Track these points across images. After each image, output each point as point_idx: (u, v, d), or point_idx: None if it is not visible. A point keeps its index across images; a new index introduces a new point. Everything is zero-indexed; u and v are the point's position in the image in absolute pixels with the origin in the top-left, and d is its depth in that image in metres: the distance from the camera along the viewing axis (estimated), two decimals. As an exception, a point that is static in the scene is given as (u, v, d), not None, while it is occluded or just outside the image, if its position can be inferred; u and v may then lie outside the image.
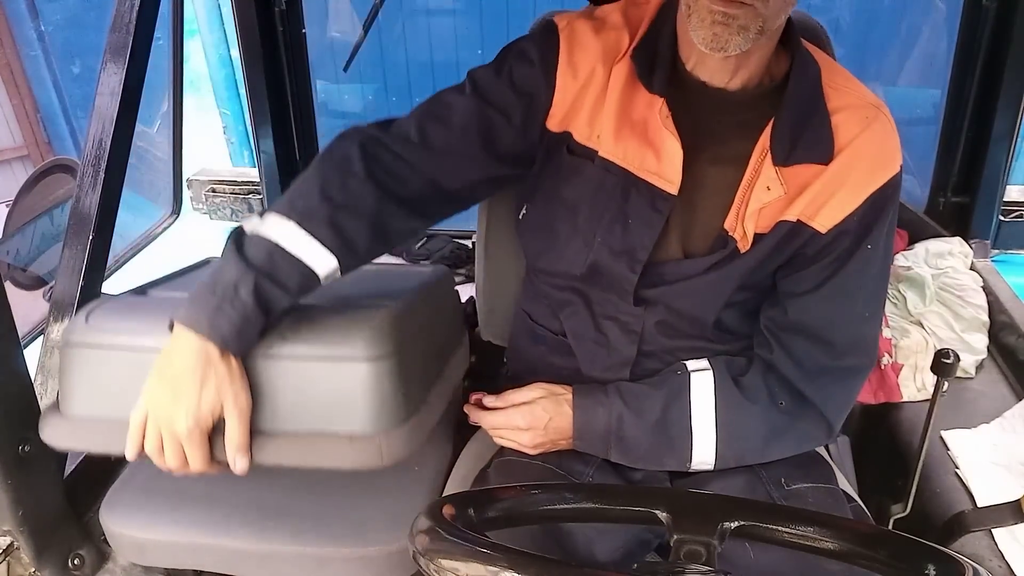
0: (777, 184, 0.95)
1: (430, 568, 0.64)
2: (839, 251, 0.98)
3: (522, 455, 1.09)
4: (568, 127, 1.02)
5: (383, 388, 0.90)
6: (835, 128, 0.96)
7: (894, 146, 0.98)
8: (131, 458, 0.87)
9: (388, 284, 1.07)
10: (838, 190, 0.95)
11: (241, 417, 0.84)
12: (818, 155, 0.95)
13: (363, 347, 0.88)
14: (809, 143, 0.95)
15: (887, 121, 0.98)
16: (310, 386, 0.88)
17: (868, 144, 0.96)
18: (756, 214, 0.96)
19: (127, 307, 0.99)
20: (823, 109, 0.96)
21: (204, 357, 0.82)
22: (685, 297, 1.03)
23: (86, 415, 0.93)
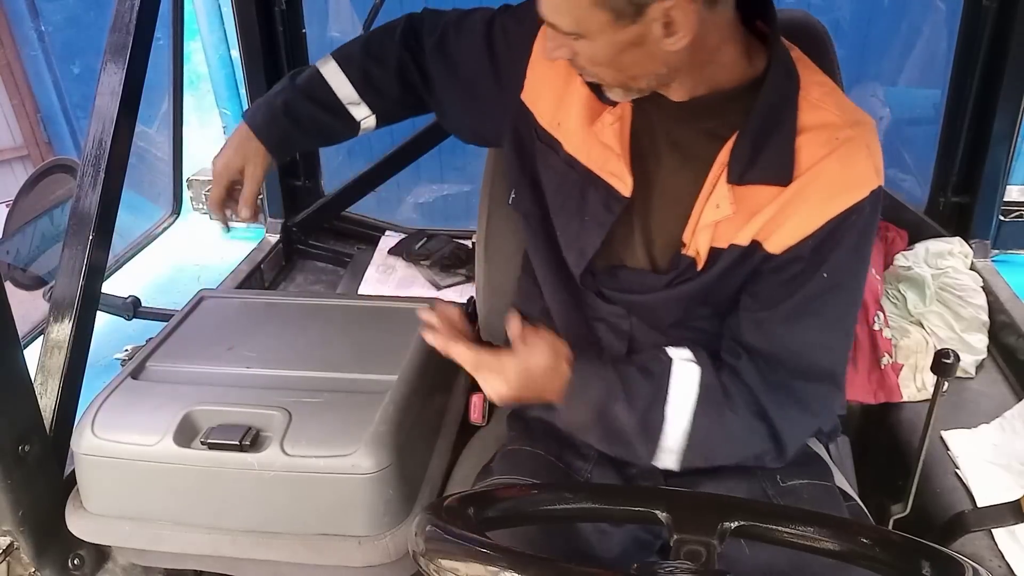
0: (727, 203, 0.92)
1: (430, 568, 0.64)
2: (793, 274, 0.93)
3: (524, 447, 1.09)
4: (534, 105, 1.05)
5: (385, 495, 0.96)
6: (799, 149, 0.90)
7: (864, 170, 0.90)
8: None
9: (389, 343, 1.11)
10: (793, 215, 0.91)
11: (252, 180, 1.13)
12: (776, 177, 0.90)
13: (364, 460, 0.93)
14: (768, 163, 0.91)
15: (862, 143, 0.90)
16: (319, 495, 0.95)
17: (831, 168, 0.89)
18: (708, 230, 0.94)
19: (128, 404, 1.02)
20: (790, 127, 0.91)
21: (243, 134, 1.13)
22: (650, 308, 1.03)
23: (107, 513, 1.02)
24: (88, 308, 1.12)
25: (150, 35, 1.16)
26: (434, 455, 1.12)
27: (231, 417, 0.98)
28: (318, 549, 0.96)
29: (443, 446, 1.15)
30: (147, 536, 1.01)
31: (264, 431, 0.96)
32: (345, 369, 1.07)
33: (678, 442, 0.94)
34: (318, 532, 0.97)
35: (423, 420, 1.08)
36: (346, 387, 1.03)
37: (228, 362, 1.09)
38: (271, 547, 0.97)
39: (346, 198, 2.14)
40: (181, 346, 1.14)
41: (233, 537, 0.98)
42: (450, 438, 1.19)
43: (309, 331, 1.17)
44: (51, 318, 1.11)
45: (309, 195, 2.13)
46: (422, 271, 1.92)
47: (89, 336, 1.14)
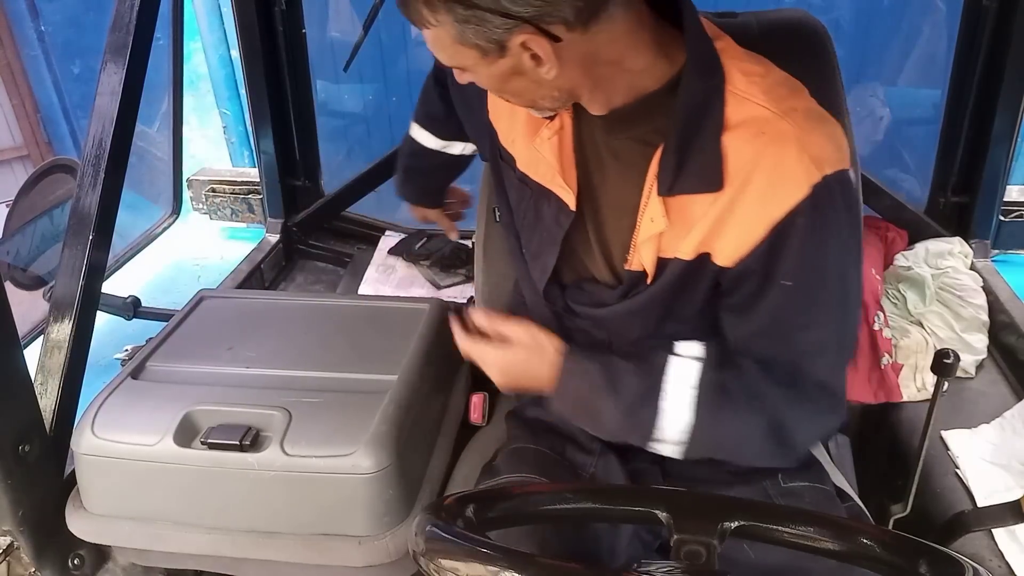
0: (660, 217, 0.90)
1: (430, 568, 0.64)
2: (752, 289, 0.91)
3: (528, 444, 1.10)
4: (496, 124, 1.09)
5: (385, 495, 0.96)
6: (725, 150, 0.86)
7: (796, 167, 0.84)
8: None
9: (389, 343, 1.12)
10: (733, 224, 0.87)
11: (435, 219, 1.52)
12: (705, 184, 0.87)
13: (364, 460, 0.93)
14: (695, 170, 0.87)
15: (791, 137, 0.84)
16: (318, 495, 0.95)
17: (760, 170, 0.85)
18: (652, 242, 0.92)
19: (128, 404, 1.02)
20: (714, 127, 0.86)
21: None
22: (612, 322, 1.02)
23: (107, 513, 1.02)
24: (88, 308, 1.12)
25: (150, 35, 1.16)
26: (434, 455, 1.12)
27: (231, 417, 0.98)
28: (318, 549, 0.96)
29: (443, 446, 1.15)
30: (147, 536, 1.01)
31: (264, 431, 0.96)
32: (345, 369, 1.07)
33: (677, 436, 0.94)
34: (318, 532, 0.97)
35: (423, 420, 1.08)
36: (346, 387, 1.03)
37: (228, 362, 1.09)
38: (271, 547, 0.97)
39: (346, 198, 2.14)
40: (181, 346, 1.14)
41: (233, 537, 0.98)
42: (450, 438, 1.19)
43: (309, 331, 1.17)
44: (51, 318, 1.11)
45: (309, 195, 2.13)
46: (422, 271, 1.92)
47: (89, 336, 1.14)
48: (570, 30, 0.82)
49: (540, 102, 0.93)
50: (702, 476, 1.06)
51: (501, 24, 0.80)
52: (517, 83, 0.88)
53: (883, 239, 1.85)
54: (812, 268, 0.88)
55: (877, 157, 2.62)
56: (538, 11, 0.79)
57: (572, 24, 0.81)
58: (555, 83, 0.87)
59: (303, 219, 2.13)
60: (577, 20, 0.81)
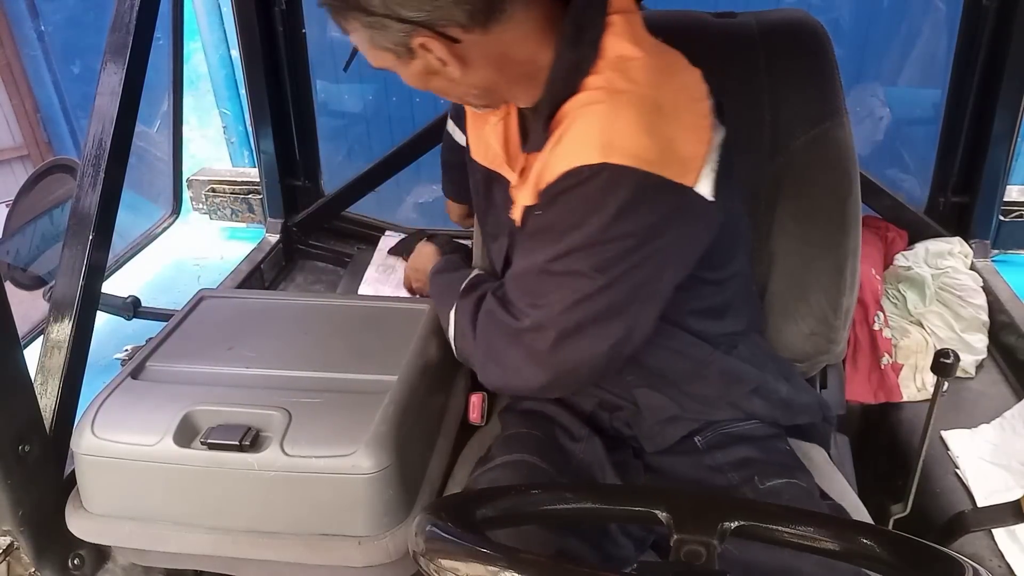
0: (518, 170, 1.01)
1: (430, 568, 0.64)
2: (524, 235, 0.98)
3: (521, 430, 1.14)
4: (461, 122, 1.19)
5: (385, 495, 0.96)
6: (562, 114, 0.91)
7: (591, 139, 0.86)
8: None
9: (389, 343, 1.12)
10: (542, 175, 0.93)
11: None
12: (539, 143, 0.93)
13: (364, 460, 0.93)
14: (538, 133, 0.94)
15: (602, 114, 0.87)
16: (318, 496, 0.95)
17: (569, 132, 0.89)
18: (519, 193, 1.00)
19: (128, 404, 1.02)
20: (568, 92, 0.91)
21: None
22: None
23: (107, 513, 1.02)
24: (88, 308, 1.12)
25: (150, 35, 1.16)
26: (434, 455, 1.12)
27: (231, 417, 0.98)
28: (318, 549, 0.96)
29: (443, 446, 1.16)
30: (147, 536, 1.01)
31: (264, 431, 0.96)
32: (345, 369, 1.07)
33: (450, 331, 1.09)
34: (318, 532, 0.97)
35: (423, 420, 1.08)
36: (346, 387, 1.03)
37: (228, 362, 1.09)
38: (271, 547, 0.97)
39: (346, 198, 2.14)
40: (181, 346, 1.14)
41: (233, 537, 0.98)
42: (450, 438, 1.19)
43: (309, 331, 1.17)
44: (51, 318, 1.11)
45: (309, 195, 2.13)
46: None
47: (89, 336, 1.14)
48: (467, 32, 0.88)
49: (466, 100, 1.01)
50: (681, 470, 1.10)
51: (399, 29, 0.87)
52: (436, 82, 0.95)
53: (883, 239, 1.85)
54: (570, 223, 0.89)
55: (877, 157, 2.62)
56: (430, 15, 0.86)
57: (468, 26, 0.87)
58: (468, 82, 0.94)
59: (303, 219, 2.13)
60: (472, 22, 0.87)
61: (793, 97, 1.29)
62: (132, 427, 0.97)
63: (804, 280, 1.29)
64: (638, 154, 0.84)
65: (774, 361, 1.18)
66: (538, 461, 1.06)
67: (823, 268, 1.28)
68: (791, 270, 1.30)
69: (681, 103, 0.90)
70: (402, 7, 0.85)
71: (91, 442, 0.97)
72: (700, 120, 0.90)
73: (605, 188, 0.86)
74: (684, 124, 0.89)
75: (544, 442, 1.11)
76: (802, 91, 1.28)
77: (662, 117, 0.87)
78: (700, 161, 0.88)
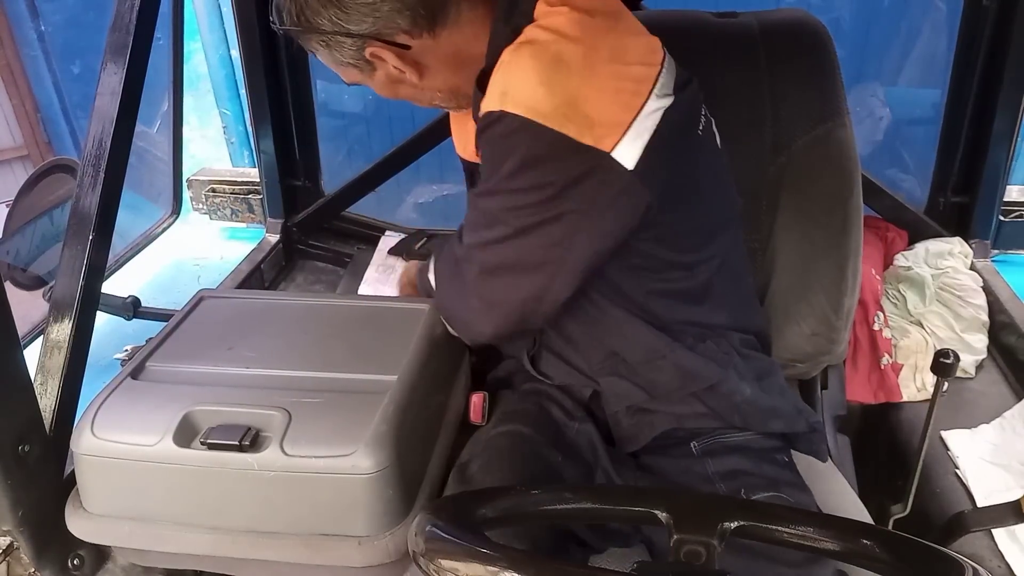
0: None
1: (430, 568, 0.64)
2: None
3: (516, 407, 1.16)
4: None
5: (385, 495, 0.96)
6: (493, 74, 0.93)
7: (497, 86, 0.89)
8: None
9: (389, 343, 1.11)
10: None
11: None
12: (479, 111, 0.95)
13: (363, 460, 0.93)
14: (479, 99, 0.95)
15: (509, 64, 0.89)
16: (318, 496, 0.95)
17: (491, 81, 0.91)
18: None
19: (128, 404, 1.02)
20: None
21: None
22: None
23: (107, 514, 1.01)
24: (88, 308, 1.12)
25: (150, 35, 1.16)
26: (434, 455, 1.12)
27: (231, 417, 0.98)
28: (318, 549, 0.96)
29: (443, 446, 1.15)
30: (147, 536, 1.01)
31: (264, 431, 0.96)
32: (345, 369, 1.07)
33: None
34: (318, 532, 0.97)
35: (423, 420, 1.08)
36: (346, 387, 1.03)
37: (228, 362, 1.09)
38: (271, 547, 0.97)
39: (346, 198, 2.14)
40: (181, 346, 1.14)
41: (233, 537, 0.98)
42: (450, 438, 1.19)
43: (309, 331, 1.17)
44: (51, 318, 1.11)
45: (309, 195, 2.13)
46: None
47: (89, 336, 1.14)
48: (415, 38, 0.93)
49: (435, 103, 1.05)
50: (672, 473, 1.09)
51: (351, 43, 0.93)
52: (403, 90, 1.01)
53: (883, 239, 1.85)
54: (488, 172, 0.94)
55: (877, 157, 2.62)
56: (374, 26, 0.91)
57: (413, 32, 0.92)
58: (431, 85, 1.00)
59: (303, 219, 2.13)
60: (417, 28, 0.92)
61: (794, 97, 1.29)
62: (132, 427, 0.97)
63: (805, 280, 1.29)
64: (531, 105, 0.86)
65: (749, 361, 1.12)
66: (532, 432, 1.07)
67: (824, 268, 1.28)
68: (792, 270, 1.30)
69: (597, 63, 0.89)
70: (348, 22, 0.91)
71: (91, 442, 0.97)
72: (624, 83, 0.90)
73: (508, 135, 0.88)
74: (595, 84, 0.88)
75: (538, 416, 1.12)
76: (803, 91, 1.28)
77: (563, 71, 0.87)
78: (619, 126, 0.88)
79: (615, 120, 0.88)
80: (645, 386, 1.09)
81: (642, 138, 0.88)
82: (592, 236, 0.93)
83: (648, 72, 0.91)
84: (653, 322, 1.06)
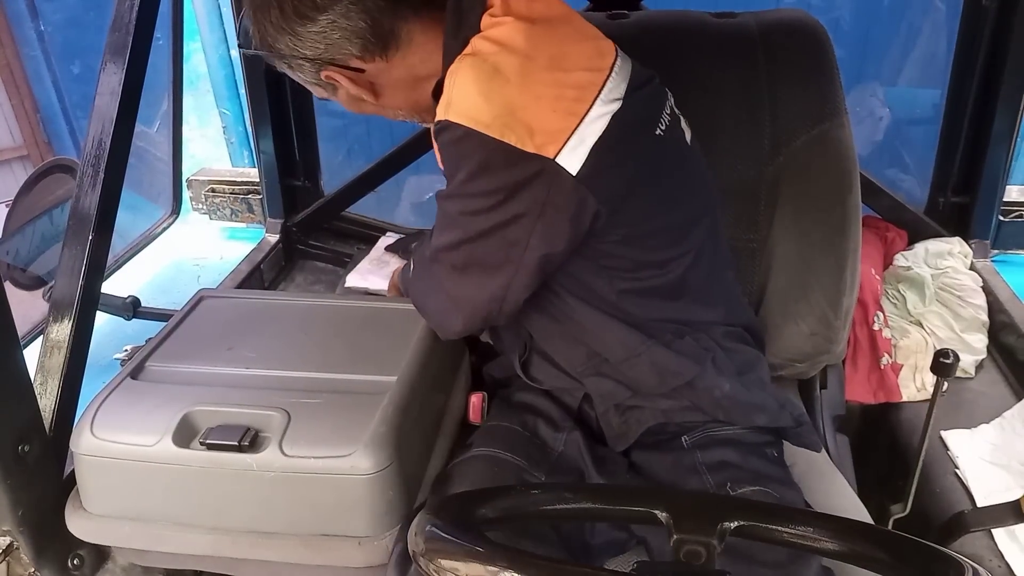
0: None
1: (430, 568, 0.64)
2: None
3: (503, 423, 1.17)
4: None
5: (385, 495, 0.96)
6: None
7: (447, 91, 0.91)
8: None
9: (388, 344, 1.12)
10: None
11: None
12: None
13: (363, 460, 0.93)
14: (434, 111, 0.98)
15: (460, 69, 0.90)
16: (318, 496, 0.95)
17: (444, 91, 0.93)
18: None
19: (127, 404, 1.02)
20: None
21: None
22: None
23: (106, 514, 1.02)
24: (88, 308, 1.12)
25: (150, 35, 1.16)
26: (434, 455, 1.12)
27: (230, 418, 0.98)
28: (318, 549, 0.96)
29: (443, 446, 1.15)
30: (147, 536, 1.01)
31: (263, 432, 0.96)
32: (344, 370, 1.07)
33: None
34: (318, 532, 0.97)
35: (423, 420, 1.08)
36: (345, 388, 1.03)
37: (227, 362, 1.09)
38: (271, 547, 0.97)
39: (346, 198, 2.14)
40: (181, 346, 1.14)
41: (233, 537, 0.98)
42: (449, 438, 1.19)
43: (309, 331, 1.17)
44: (51, 318, 1.11)
45: (309, 195, 2.13)
46: None
47: (89, 336, 1.14)
48: (367, 62, 0.98)
49: (399, 118, 1.09)
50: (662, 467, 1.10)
51: (309, 66, 0.99)
52: (366, 107, 1.05)
53: (883, 239, 1.85)
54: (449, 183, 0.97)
55: (877, 157, 2.62)
56: (326, 51, 0.96)
57: (366, 57, 0.96)
58: (390, 104, 1.04)
59: (303, 219, 2.13)
60: (369, 53, 0.96)
61: (793, 97, 1.29)
62: (131, 427, 0.97)
63: (804, 280, 1.29)
64: (471, 115, 0.88)
65: (731, 355, 1.11)
66: (509, 456, 1.07)
67: (823, 268, 1.28)
68: (791, 270, 1.30)
69: (534, 71, 0.91)
70: (302, 47, 0.96)
71: (90, 442, 0.97)
72: (564, 91, 0.91)
73: (456, 144, 0.91)
74: (533, 92, 0.90)
75: (520, 436, 1.12)
76: (802, 91, 1.28)
77: (499, 81, 0.89)
78: (561, 133, 0.89)
79: (555, 127, 0.89)
80: (628, 383, 1.10)
81: (586, 144, 0.90)
82: (545, 238, 0.95)
83: (593, 78, 0.93)
84: (628, 320, 1.06)
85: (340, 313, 1.22)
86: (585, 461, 1.11)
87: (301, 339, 1.15)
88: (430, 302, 1.08)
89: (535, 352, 1.18)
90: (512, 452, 1.08)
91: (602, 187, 0.93)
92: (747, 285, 1.34)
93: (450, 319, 1.06)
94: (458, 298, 1.03)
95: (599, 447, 1.14)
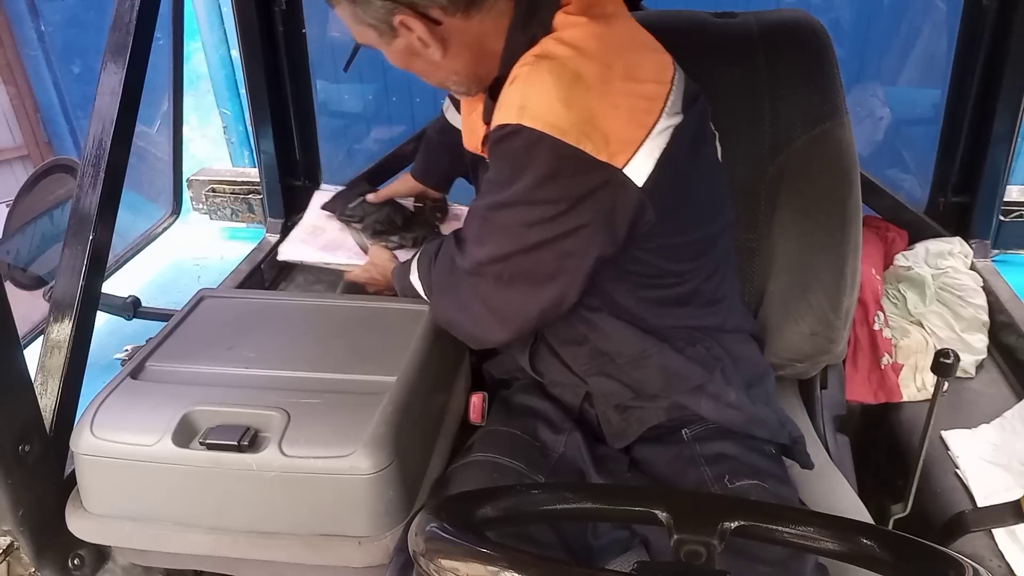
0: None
1: (430, 568, 0.64)
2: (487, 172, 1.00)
3: (502, 427, 1.16)
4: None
5: (385, 495, 0.96)
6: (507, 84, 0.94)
7: (513, 100, 0.90)
8: None
9: (388, 344, 1.12)
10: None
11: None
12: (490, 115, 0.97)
13: (363, 460, 0.93)
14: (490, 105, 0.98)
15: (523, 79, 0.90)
16: (318, 496, 0.95)
17: (505, 91, 0.93)
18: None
19: (127, 404, 1.02)
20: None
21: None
22: None
23: (107, 514, 1.02)
24: (88, 308, 1.12)
25: (150, 35, 1.16)
26: (434, 455, 1.12)
27: (230, 417, 0.98)
28: (318, 549, 0.96)
29: (443, 446, 1.16)
30: (147, 536, 1.01)
31: (263, 431, 0.96)
32: (344, 370, 1.07)
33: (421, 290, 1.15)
34: (318, 532, 0.97)
35: (423, 420, 1.08)
36: (345, 388, 1.03)
37: (228, 362, 1.09)
38: (271, 547, 0.97)
39: (346, 198, 2.14)
40: (181, 346, 1.14)
41: (233, 537, 0.98)
42: (449, 438, 1.19)
43: (309, 331, 1.17)
44: (51, 318, 1.11)
45: (309, 195, 2.13)
46: (353, 234, 1.70)
47: (89, 336, 1.14)
48: (448, 15, 0.92)
49: (446, 84, 1.04)
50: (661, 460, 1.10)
51: (382, 5, 0.90)
52: (417, 64, 0.99)
53: (883, 239, 1.85)
54: (495, 178, 0.95)
55: (877, 157, 2.62)
56: None
57: (449, 9, 0.91)
58: (448, 66, 0.98)
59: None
60: (453, 6, 0.91)
61: (793, 97, 1.29)
62: (131, 427, 0.97)
63: (805, 280, 1.29)
64: (550, 121, 0.87)
65: (740, 365, 1.13)
66: (509, 461, 1.07)
67: (824, 268, 1.28)
68: (791, 270, 1.30)
69: (613, 80, 0.90)
70: None
71: (90, 442, 0.97)
72: (637, 101, 0.91)
73: (525, 149, 0.89)
74: (612, 101, 0.89)
75: (520, 440, 1.12)
76: (802, 91, 1.28)
77: (581, 88, 0.88)
78: (632, 144, 0.89)
79: (628, 137, 0.89)
80: (632, 385, 1.10)
81: (653, 156, 0.90)
82: (604, 247, 0.95)
83: (660, 90, 0.93)
84: (642, 325, 1.07)
85: (340, 313, 1.22)
86: (585, 461, 1.11)
87: (301, 339, 1.15)
88: (463, 316, 1.06)
89: (543, 344, 1.17)
90: (512, 457, 1.08)
91: (661, 199, 0.93)
92: (747, 285, 1.35)
93: (491, 331, 1.05)
94: (503, 311, 1.01)
95: (599, 446, 1.15)
